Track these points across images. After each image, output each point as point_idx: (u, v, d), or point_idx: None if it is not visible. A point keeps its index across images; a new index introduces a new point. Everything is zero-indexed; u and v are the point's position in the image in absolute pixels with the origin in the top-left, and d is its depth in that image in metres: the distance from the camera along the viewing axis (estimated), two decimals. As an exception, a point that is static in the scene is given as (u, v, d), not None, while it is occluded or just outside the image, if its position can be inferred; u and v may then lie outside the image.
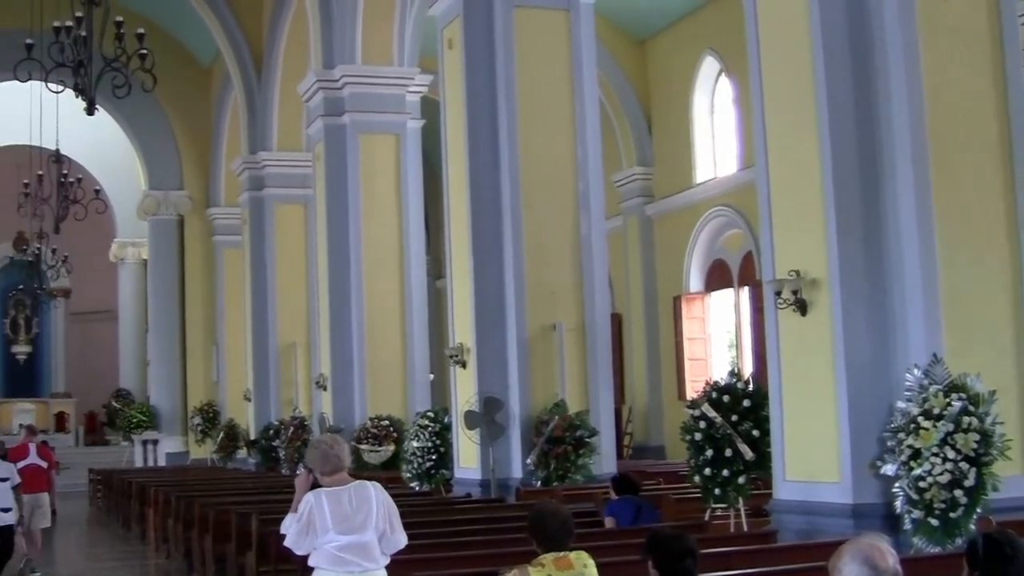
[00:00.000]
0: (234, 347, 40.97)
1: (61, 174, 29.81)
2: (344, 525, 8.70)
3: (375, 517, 8.81)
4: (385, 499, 8.96)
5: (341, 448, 8.99)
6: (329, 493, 8.78)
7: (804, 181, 13.81)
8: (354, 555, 8.74)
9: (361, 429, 27.01)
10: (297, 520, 8.82)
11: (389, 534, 8.92)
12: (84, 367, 52.42)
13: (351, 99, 28.53)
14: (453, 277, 21.79)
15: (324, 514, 8.69)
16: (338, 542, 8.69)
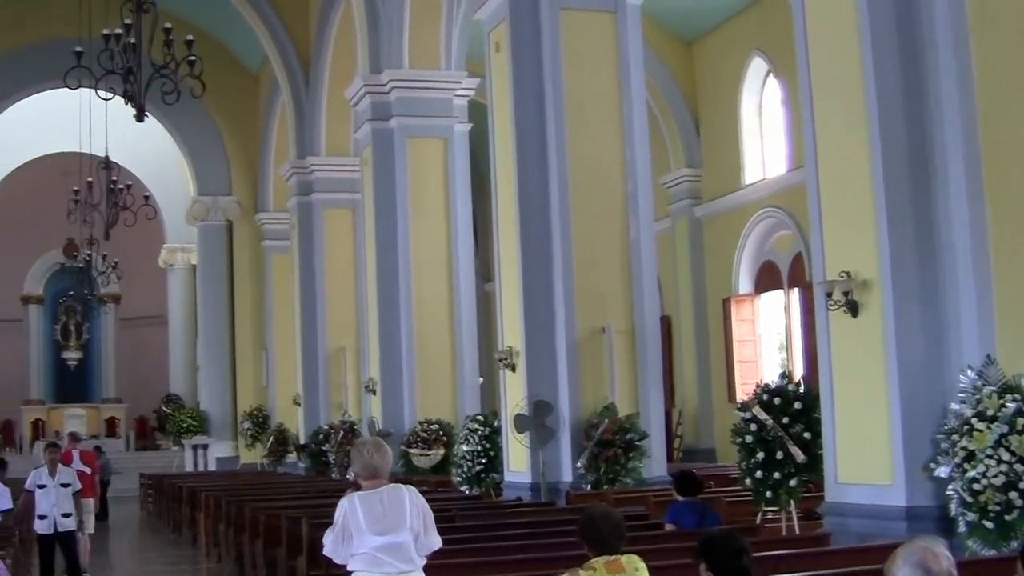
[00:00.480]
0: (283, 352, 41.10)
1: (111, 180, 29.94)
2: (378, 526, 8.81)
3: (408, 518, 8.88)
4: (419, 501, 9.04)
5: (383, 454, 9.08)
6: (363, 496, 8.92)
7: (854, 181, 13.71)
8: (389, 556, 8.83)
9: (411, 433, 27.03)
10: (332, 527, 9.01)
11: (423, 536, 8.98)
12: (134, 372, 52.73)
13: (398, 103, 28.56)
14: (502, 280, 21.76)
15: (358, 516, 8.83)
16: (373, 543, 8.79)
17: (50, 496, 17.13)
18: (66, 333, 53.86)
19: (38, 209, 47.49)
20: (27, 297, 53.85)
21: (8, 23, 41.77)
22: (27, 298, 53.84)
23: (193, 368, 48.53)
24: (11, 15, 41.74)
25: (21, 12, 41.63)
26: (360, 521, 8.82)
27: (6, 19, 41.76)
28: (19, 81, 42.29)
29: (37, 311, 54.05)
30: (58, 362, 53.89)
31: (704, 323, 34.81)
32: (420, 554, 9.02)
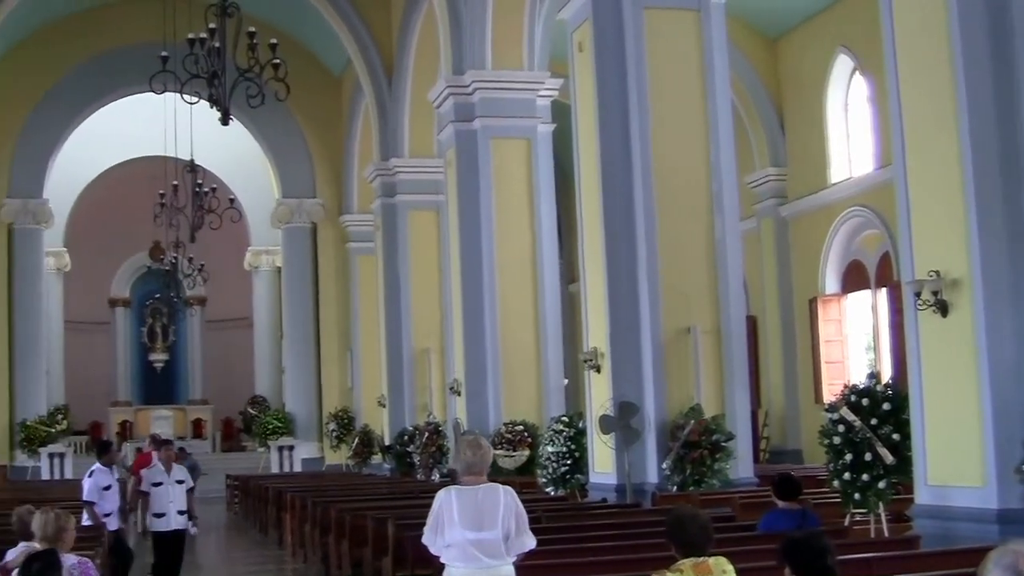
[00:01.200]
0: (368, 353, 41.27)
1: (196, 184, 30.20)
2: (471, 522, 9.14)
3: (501, 517, 9.17)
4: (514, 502, 9.30)
5: (481, 453, 9.41)
6: (460, 491, 9.28)
7: (944, 179, 13.57)
8: (479, 551, 9.13)
9: (495, 434, 27.00)
10: (429, 517, 9.37)
11: (515, 536, 9.24)
12: (220, 374, 53.17)
13: (482, 104, 28.57)
14: (586, 281, 21.70)
15: (452, 510, 9.18)
16: (464, 537, 9.12)
17: (168, 494, 17.23)
18: (153, 335, 54.41)
19: (124, 213, 47.98)
20: (114, 300, 54.46)
21: (94, 28, 42.29)
22: (114, 301, 54.45)
23: (279, 370, 48.82)
24: (97, 21, 42.27)
25: (107, 18, 42.14)
26: (454, 514, 9.16)
27: (92, 25, 42.28)
28: (105, 86, 42.78)
29: (124, 314, 54.65)
30: (145, 364, 54.45)
31: (790, 323, 34.61)
32: (511, 553, 9.29)
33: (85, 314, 52.10)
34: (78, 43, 42.48)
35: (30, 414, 42.36)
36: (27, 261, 43.25)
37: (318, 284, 45.50)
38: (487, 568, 9.16)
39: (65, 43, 42.45)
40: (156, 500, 17.20)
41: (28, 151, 43.09)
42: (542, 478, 23.35)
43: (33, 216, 43.28)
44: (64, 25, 42.56)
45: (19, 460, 42.23)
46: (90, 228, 49.95)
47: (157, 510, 17.19)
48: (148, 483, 17.28)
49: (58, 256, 48.46)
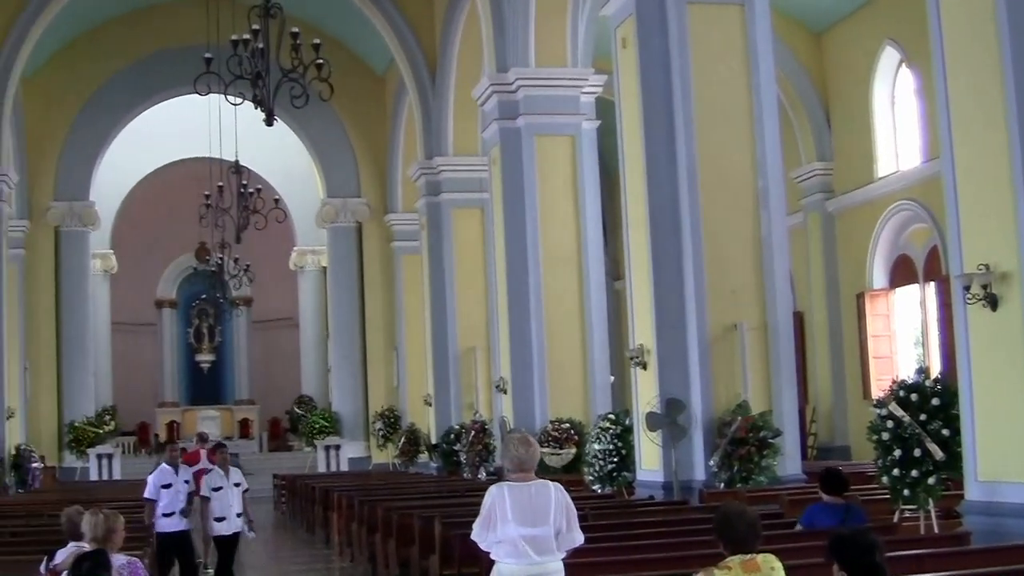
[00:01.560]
0: (414, 352, 41.34)
1: (241, 185, 30.27)
2: (524, 518, 9.23)
3: (552, 514, 9.27)
4: (564, 498, 9.38)
5: (530, 450, 9.51)
6: (512, 487, 9.36)
7: (992, 171, 13.47)
8: (530, 547, 9.22)
9: (542, 432, 26.98)
10: (480, 512, 9.45)
11: (565, 532, 9.33)
12: (267, 374, 53.37)
13: (525, 102, 28.53)
14: (632, 278, 21.67)
15: (505, 506, 9.27)
16: (517, 533, 9.21)
17: (228, 497, 17.38)
18: (199, 336, 54.65)
19: (170, 214, 48.20)
20: (160, 301, 54.71)
21: (139, 31, 42.51)
22: (161, 302, 54.71)
23: (325, 369, 48.99)
24: (142, 23, 42.50)
25: (151, 20, 42.36)
26: (507, 511, 9.26)
27: (137, 27, 42.51)
28: (150, 88, 43.03)
29: (171, 315, 54.92)
30: (192, 365, 54.69)
31: (837, 319, 34.47)
32: (561, 549, 9.38)
33: (132, 315, 52.38)
34: (123, 46, 42.73)
35: (78, 415, 42.66)
36: (74, 263, 43.56)
37: (363, 283, 45.59)
38: (537, 564, 9.26)
39: (110, 46, 42.71)
40: (217, 504, 17.29)
41: (74, 154, 43.39)
42: (589, 476, 23.36)
43: (79, 218, 43.58)
44: (109, 28, 42.82)
45: (68, 461, 42.55)
46: (136, 230, 50.20)
47: (218, 514, 17.28)
48: (208, 488, 17.34)
49: (105, 258, 48.75)
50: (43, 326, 42.82)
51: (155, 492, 17.05)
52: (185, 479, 17.39)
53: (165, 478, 17.21)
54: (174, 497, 17.05)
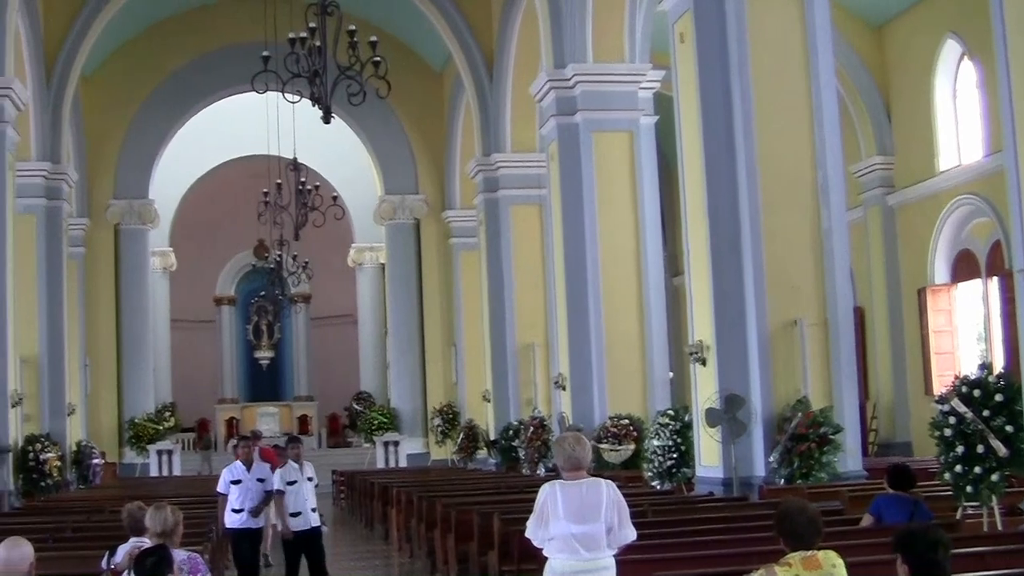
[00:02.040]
0: (472, 348, 41.40)
1: (299, 182, 30.37)
2: (575, 515, 9.39)
3: (604, 511, 9.43)
4: (615, 496, 9.55)
5: (583, 447, 9.64)
6: (564, 485, 9.53)
7: (1056, 165, 13.37)
8: (582, 544, 9.39)
9: (601, 428, 26.99)
10: (533, 510, 9.65)
11: (617, 528, 9.48)
12: (325, 371, 53.60)
13: (583, 97, 28.52)
14: (691, 274, 21.60)
15: (557, 503, 9.45)
16: (569, 530, 9.38)
17: (303, 492, 16.83)
18: (258, 333, 54.94)
19: (229, 212, 48.54)
20: (219, 298, 55.07)
21: (197, 30, 42.78)
22: (219, 299, 55.07)
23: (383, 366, 49.14)
24: (200, 22, 42.77)
25: (209, 19, 42.63)
26: (559, 508, 9.43)
27: (195, 26, 42.78)
28: (208, 86, 43.28)
29: (229, 312, 55.25)
30: (251, 361, 55.00)
31: (898, 314, 34.28)
32: (613, 545, 9.52)
33: (191, 312, 52.74)
34: (181, 45, 43.00)
35: (138, 412, 42.99)
36: (133, 261, 43.88)
37: (422, 280, 45.67)
38: (588, 560, 9.41)
39: (168, 45, 42.98)
40: (292, 499, 16.70)
41: (133, 152, 43.71)
42: (648, 472, 23.34)
43: (139, 216, 43.88)
44: (167, 27, 43.10)
45: (128, 457, 42.87)
46: (195, 227, 50.54)
47: (293, 509, 16.71)
48: (283, 482, 16.69)
49: (164, 256, 49.11)
50: (103, 323, 43.15)
51: (226, 487, 16.94)
52: (258, 476, 17.11)
53: (236, 474, 17.03)
54: (244, 494, 16.85)
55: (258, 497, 16.97)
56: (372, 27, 28.01)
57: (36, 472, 29.76)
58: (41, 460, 29.86)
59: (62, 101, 36.21)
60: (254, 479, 17.03)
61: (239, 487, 16.92)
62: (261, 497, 16.99)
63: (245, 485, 16.94)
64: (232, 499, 16.91)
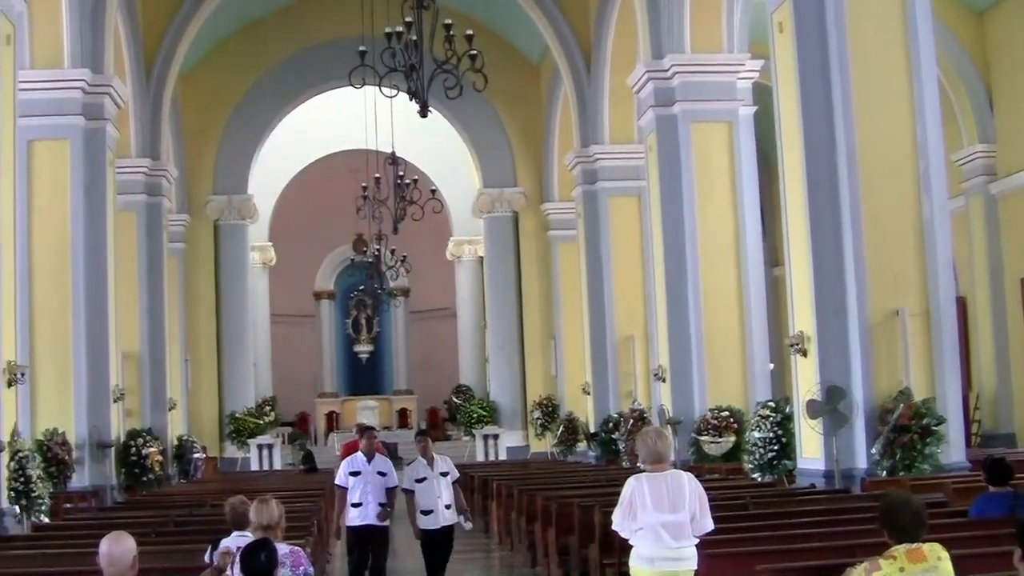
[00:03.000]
0: (572, 340, 41.37)
1: (397, 176, 30.51)
2: (660, 505, 10.13)
3: (687, 501, 10.18)
4: (697, 487, 10.31)
5: (665, 442, 10.49)
6: (649, 477, 10.29)
7: None
8: (668, 533, 10.12)
9: (701, 420, 26.98)
10: (620, 504, 10.42)
11: (699, 517, 10.23)
12: (425, 364, 53.87)
13: (681, 88, 28.47)
14: (791, 264, 21.52)
15: (644, 495, 10.19)
16: (656, 520, 10.10)
17: (434, 488, 16.36)
18: (357, 327, 55.28)
19: (328, 206, 48.83)
20: (319, 293, 55.49)
21: (294, 25, 43.14)
22: (319, 294, 55.48)
23: (483, 359, 49.28)
24: (296, 18, 43.12)
25: (306, 14, 42.96)
26: (646, 499, 10.18)
27: (292, 22, 43.15)
28: (306, 81, 43.61)
29: (329, 306, 55.67)
30: (350, 355, 55.38)
31: (1001, 304, 33.92)
32: (695, 534, 10.25)
33: (291, 307, 53.17)
34: (279, 40, 43.37)
35: (239, 406, 43.43)
36: (233, 256, 44.34)
37: (520, 273, 45.74)
38: (674, 548, 10.12)
39: (266, 41, 43.39)
40: (422, 496, 16.22)
41: (232, 148, 44.15)
42: (748, 464, 23.28)
43: (238, 211, 44.34)
44: (264, 23, 43.51)
45: (228, 451, 43.33)
46: (294, 222, 50.91)
47: (424, 507, 16.21)
48: (411, 479, 16.28)
49: (263, 251, 49.55)
50: (203, 318, 43.60)
51: (345, 480, 16.50)
52: (379, 469, 16.57)
53: (356, 465, 16.56)
54: (363, 487, 16.34)
55: (378, 492, 16.39)
56: (468, 20, 28.18)
57: (138, 467, 30.16)
58: (143, 455, 30.27)
59: (161, 98, 36.68)
60: (374, 472, 16.51)
61: (358, 480, 16.42)
62: (381, 492, 16.43)
63: (364, 478, 16.42)
64: (351, 493, 16.45)
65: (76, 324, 26.93)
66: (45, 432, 25.15)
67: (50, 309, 26.65)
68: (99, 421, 27.44)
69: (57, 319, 26.73)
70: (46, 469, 23.28)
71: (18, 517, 20.08)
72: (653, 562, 10.24)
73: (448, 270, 51.71)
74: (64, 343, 26.75)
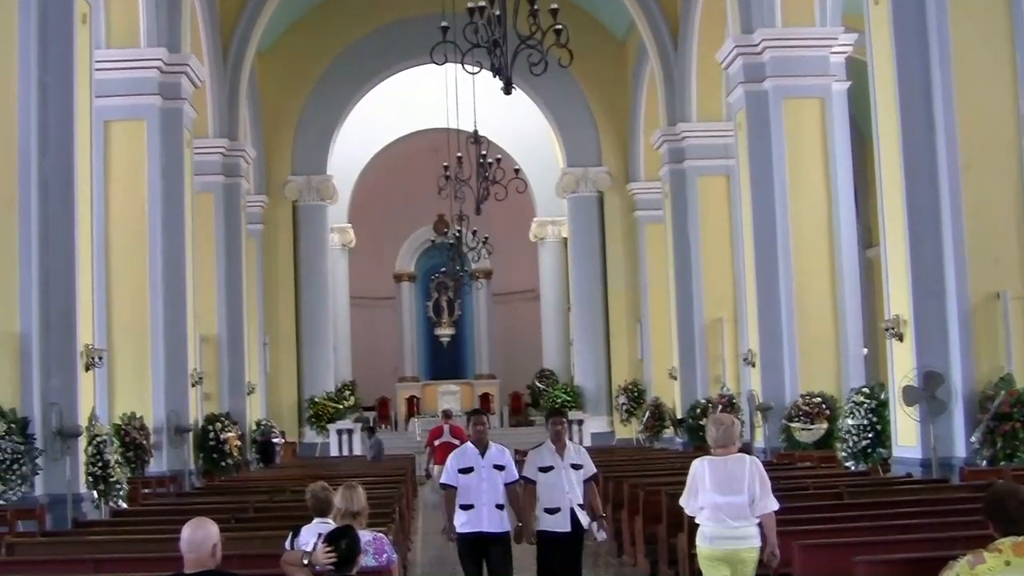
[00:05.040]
0: (658, 324, 41.21)
1: (480, 155, 30.42)
2: (720, 487, 10.89)
3: (747, 482, 10.88)
4: (758, 470, 10.99)
5: (728, 427, 11.11)
6: (712, 460, 11.11)
7: None
8: (727, 513, 10.84)
9: (792, 406, 26.80)
10: (687, 483, 11.25)
11: (759, 498, 10.89)
12: (507, 348, 53.85)
13: (772, 63, 28.20)
14: (886, 245, 21.29)
15: (705, 476, 10.99)
16: (715, 500, 10.86)
17: (562, 482, 13.86)
18: (438, 310, 55.35)
19: (408, 186, 48.92)
20: (399, 275, 55.54)
21: (371, 3, 43.29)
22: (399, 276, 55.53)
23: (567, 342, 49.21)
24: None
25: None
26: (706, 481, 10.96)
27: (369, 0, 43.24)
28: (386, 59, 43.72)
29: (409, 289, 55.72)
30: (431, 339, 55.45)
31: (1109, 286, 33.42)
32: (756, 514, 10.90)
33: (371, 290, 53.33)
34: (357, 17, 43.48)
35: (318, 391, 43.66)
36: (312, 237, 44.59)
37: (605, 254, 45.62)
38: (733, 528, 10.82)
39: (345, 18, 43.47)
40: (546, 491, 13.77)
41: (311, 128, 44.36)
42: (842, 452, 23.06)
43: (317, 192, 44.55)
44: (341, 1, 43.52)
45: (308, 437, 43.58)
46: (374, 203, 51.01)
47: (548, 504, 13.72)
48: (533, 467, 13.89)
49: (343, 232, 49.68)
50: (282, 301, 43.85)
51: (453, 477, 13.67)
52: (496, 463, 13.80)
53: (466, 459, 13.79)
54: (476, 486, 13.60)
55: (495, 491, 13.65)
56: (553, -5, 28.02)
57: (216, 451, 30.39)
58: (221, 440, 30.48)
59: (238, 78, 36.89)
60: (490, 466, 13.74)
61: (470, 478, 13.66)
62: (499, 491, 13.69)
63: (479, 475, 13.67)
64: (461, 493, 13.64)
65: (154, 307, 27.12)
66: (123, 416, 25.35)
67: (128, 292, 26.87)
68: (177, 405, 27.65)
69: (135, 303, 26.94)
70: (124, 454, 23.44)
71: (96, 502, 20.21)
72: (713, 540, 10.92)
73: (531, 251, 51.62)
74: (142, 327, 26.95)
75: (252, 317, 38.61)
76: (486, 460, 13.74)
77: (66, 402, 19.42)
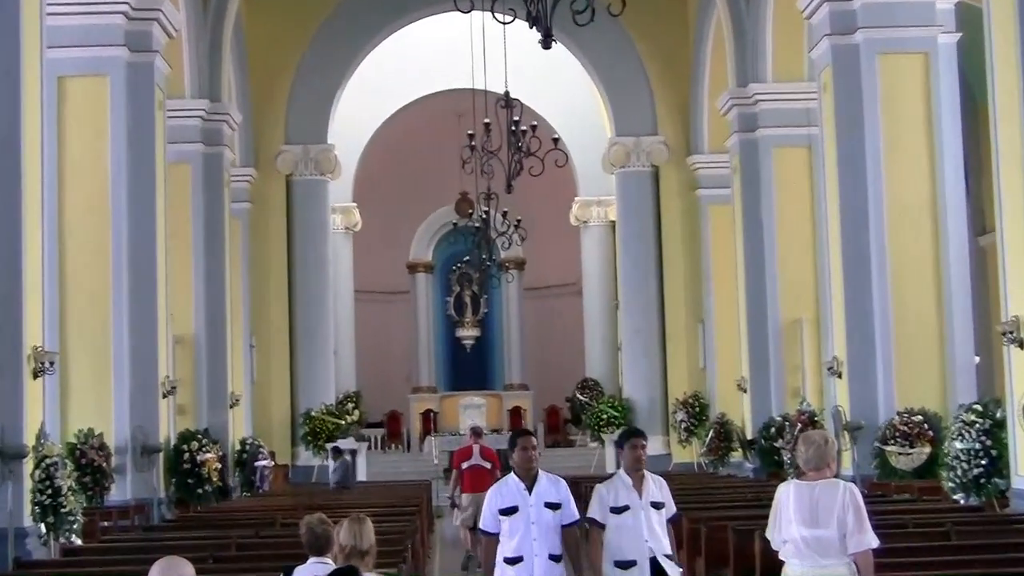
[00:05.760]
0: (724, 325, 41.11)
1: (512, 121, 30.22)
2: (805, 518, 10.65)
3: (837, 514, 10.57)
4: (853, 499, 10.65)
5: (820, 447, 10.81)
6: (799, 485, 10.87)
7: None
8: (812, 549, 10.58)
9: (886, 426, 26.64)
10: (772, 511, 11.07)
11: (853, 533, 10.57)
12: (543, 353, 53.93)
13: (865, 12, 28.00)
14: (1004, 232, 21.06)
15: (788, 505, 10.78)
16: (798, 533, 10.63)
17: (638, 523, 12.62)
18: (460, 307, 55.46)
19: (425, 159, 49.01)
20: (414, 265, 55.63)
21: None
22: (414, 266, 55.61)
23: (614, 347, 49.16)
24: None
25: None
26: (790, 509, 10.76)
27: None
28: (399, 6, 43.54)
29: (426, 281, 55.83)
30: (452, 342, 55.52)
31: None
32: (850, 551, 10.58)
33: (380, 282, 53.46)
34: (364, -44, 43.43)
35: (315, 403, 43.47)
36: (310, 219, 44.41)
37: (661, 241, 45.38)
38: (822, 567, 10.56)
39: (349, -43, 43.43)
40: (620, 535, 12.62)
41: (308, 89, 44.20)
42: (949, 482, 22.95)
43: (316, 165, 44.37)
44: (347, -64, 43.56)
45: (302, 458, 43.36)
46: (384, 179, 51.08)
47: (619, 556, 12.55)
48: (603, 506, 12.72)
49: (346, 213, 49.71)
50: (274, 295, 43.76)
51: (493, 521, 12.33)
52: (548, 500, 12.27)
53: (509, 496, 12.37)
54: (523, 532, 12.19)
55: (549, 537, 12.22)
56: (601, -71, 27.87)
57: (192, 476, 30.34)
58: (198, 462, 30.43)
59: (221, 27, 36.74)
60: (540, 504, 12.28)
61: (516, 520, 12.26)
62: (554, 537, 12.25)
63: (525, 516, 12.23)
64: (504, 541, 12.31)
65: (117, 302, 27.03)
66: (78, 434, 25.32)
67: (86, 284, 26.80)
68: (144, 421, 27.59)
69: (94, 297, 26.87)
70: (79, 479, 23.39)
71: (44, 538, 20.11)
72: None
73: (572, 237, 51.64)
74: (102, 326, 26.87)
75: (236, 315, 38.61)
76: (535, 497, 12.26)
77: (8, 416, 19.30)
